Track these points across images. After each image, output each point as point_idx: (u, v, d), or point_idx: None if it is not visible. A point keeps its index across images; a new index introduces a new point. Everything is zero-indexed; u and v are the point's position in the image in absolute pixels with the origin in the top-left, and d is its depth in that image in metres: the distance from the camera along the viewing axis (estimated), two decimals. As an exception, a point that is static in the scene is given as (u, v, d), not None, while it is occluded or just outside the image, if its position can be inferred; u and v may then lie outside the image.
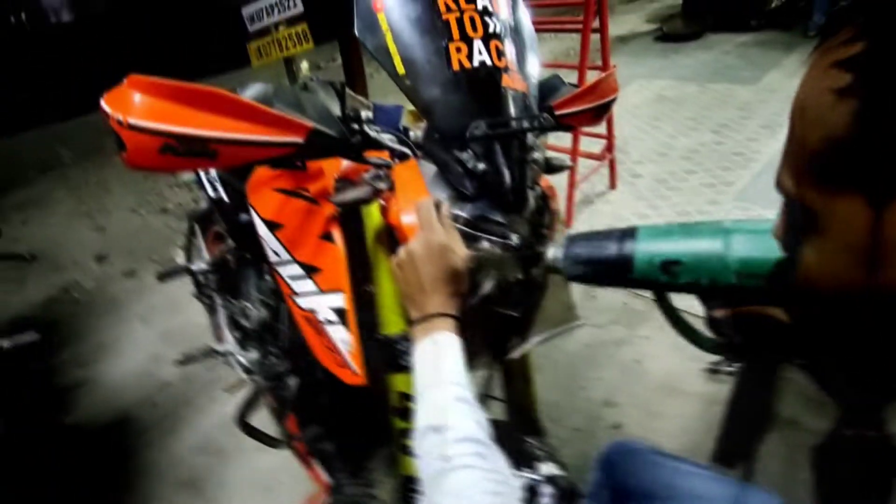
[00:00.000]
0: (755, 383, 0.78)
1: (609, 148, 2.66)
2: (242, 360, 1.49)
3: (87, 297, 2.59)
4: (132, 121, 0.56)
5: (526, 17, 0.79)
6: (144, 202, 3.61)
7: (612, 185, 2.76)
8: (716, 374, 1.60)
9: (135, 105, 0.57)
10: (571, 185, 2.47)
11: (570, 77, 2.24)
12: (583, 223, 2.53)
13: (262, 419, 1.62)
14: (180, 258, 1.90)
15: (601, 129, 2.63)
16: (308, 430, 1.09)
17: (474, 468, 0.50)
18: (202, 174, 1.45)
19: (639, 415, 1.52)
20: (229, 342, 1.54)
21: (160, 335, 2.18)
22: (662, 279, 0.60)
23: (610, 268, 0.62)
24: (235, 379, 1.57)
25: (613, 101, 0.86)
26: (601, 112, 0.86)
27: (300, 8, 2.58)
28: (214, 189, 1.40)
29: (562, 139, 2.59)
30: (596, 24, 2.29)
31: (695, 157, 2.93)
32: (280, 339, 1.20)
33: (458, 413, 0.54)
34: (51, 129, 5.84)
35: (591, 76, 1.02)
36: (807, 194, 0.33)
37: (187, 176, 1.63)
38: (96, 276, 2.76)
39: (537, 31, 0.82)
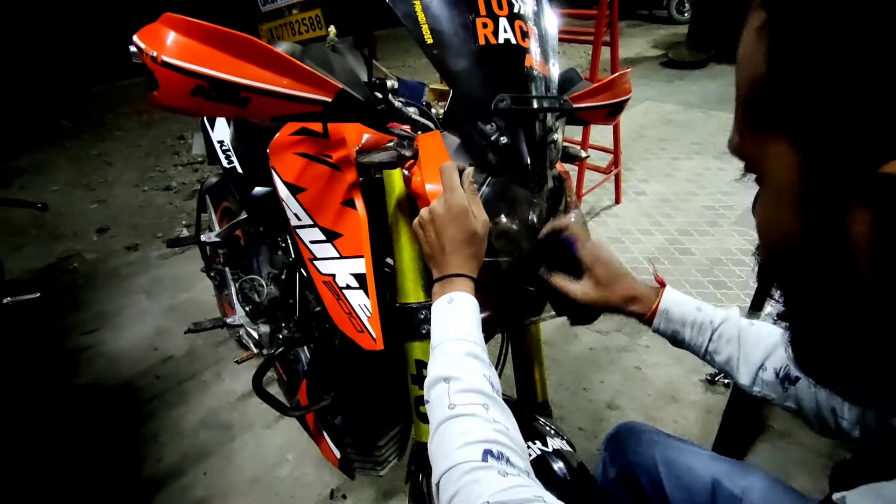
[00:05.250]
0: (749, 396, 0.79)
1: (615, 162, 2.73)
2: (254, 333, 1.50)
3: (87, 268, 2.57)
4: (166, 58, 0.55)
5: (550, 15, 0.81)
6: (148, 179, 3.59)
7: (618, 200, 2.83)
8: (713, 385, 1.66)
9: (169, 43, 0.56)
10: (578, 195, 2.53)
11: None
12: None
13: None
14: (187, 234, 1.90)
15: (608, 143, 2.71)
16: (320, 400, 1.10)
17: (476, 416, 0.51)
18: (217, 145, 1.46)
19: (639, 419, 1.57)
20: (240, 316, 1.55)
21: (165, 310, 2.17)
22: None
23: None
24: (247, 352, 1.59)
25: (627, 101, 0.89)
26: (615, 111, 0.88)
27: None
28: (229, 160, 1.41)
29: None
30: (606, 37, 2.35)
31: (698, 180, 3.02)
32: (293, 311, 1.21)
33: (467, 366, 0.56)
34: (49, 97, 5.76)
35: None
36: (745, 145, 0.31)
37: (197, 150, 1.62)
38: (97, 248, 2.74)
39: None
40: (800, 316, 0.32)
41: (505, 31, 0.71)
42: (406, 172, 0.77)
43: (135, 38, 0.61)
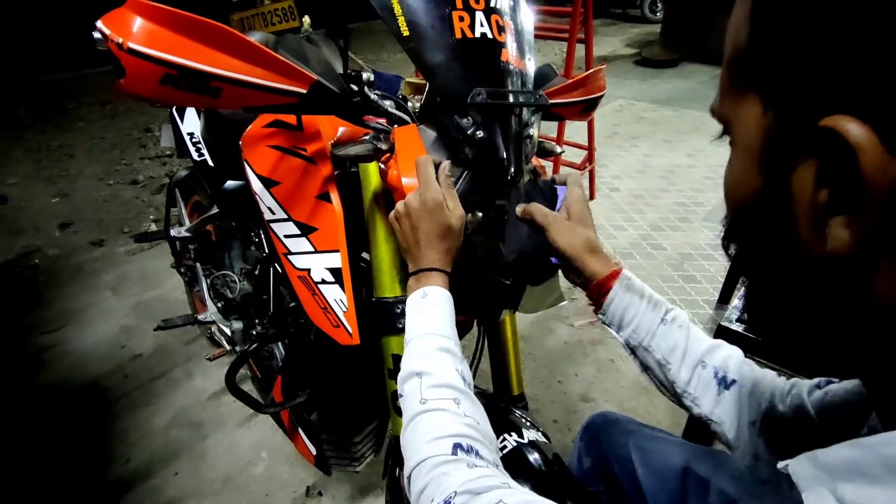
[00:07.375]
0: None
1: (589, 159, 2.77)
2: (226, 329, 1.48)
3: (49, 264, 2.46)
4: (133, 45, 0.53)
5: (526, 10, 0.80)
6: (113, 172, 3.47)
7: (592, 196, 2.87)
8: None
9: (136, 29, 0.54)
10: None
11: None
12: (562, 229, 2.63)
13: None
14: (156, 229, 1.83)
15: (582, 140, 2.75)
16: (296, 396, 1.09)
17: (447, 411, 0.52)
18: (186, 137, 1.41)
19: (613, 409, 1.60)
20: (212, 312, 1.52)
21: (132, 307, 2.11)
22: None
23: None
24: (219, 349, 1.56)
25: (601, 97, 0.90)
26: (589, 107, 0.90)
27: None
28: (199, 152, 1.37)
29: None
30: (581, 35, 2.38)
31: (669, 176, 3.09)
32: (267, 307, 1.19)
33: (438, 361, 0.56)
34: (6, 86, 5.50)
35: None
36: (723, 106, 0.32)
37: (165, 142, 1.57)
38: (60, 244, 2.63)
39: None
40: (753, 274, 0.33)
41: (481, 24, 0.70)
42: (382, 166, 0.76)
43: (99, 23, 0.57)
